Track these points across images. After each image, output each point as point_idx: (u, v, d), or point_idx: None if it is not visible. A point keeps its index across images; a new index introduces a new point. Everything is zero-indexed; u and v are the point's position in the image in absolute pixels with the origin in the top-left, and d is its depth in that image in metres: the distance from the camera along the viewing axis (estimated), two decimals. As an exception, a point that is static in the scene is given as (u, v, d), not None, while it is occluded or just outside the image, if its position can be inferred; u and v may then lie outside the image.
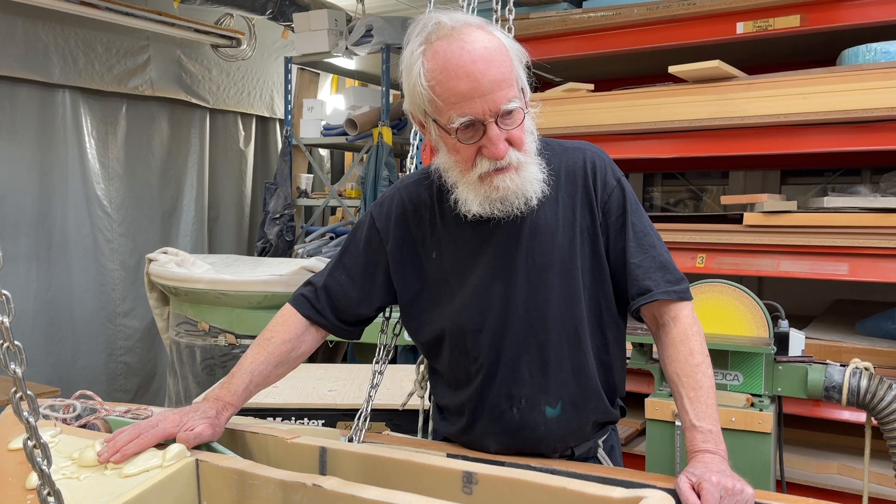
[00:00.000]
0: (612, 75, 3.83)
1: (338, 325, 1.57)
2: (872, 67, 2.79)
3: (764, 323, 2.52)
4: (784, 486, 2.63)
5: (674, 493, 1.16)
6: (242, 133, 5.94)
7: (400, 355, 3.33)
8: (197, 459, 1.21)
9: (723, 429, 2.52)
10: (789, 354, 2.55)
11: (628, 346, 2.98)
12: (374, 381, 1.54)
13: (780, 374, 2.49)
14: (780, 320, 2.59)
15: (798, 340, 2.59)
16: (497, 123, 1.34)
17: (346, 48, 4.78)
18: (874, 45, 2.83)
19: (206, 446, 1.31)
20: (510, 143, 1.38)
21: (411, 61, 1.39)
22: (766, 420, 2.40)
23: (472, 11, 1.79)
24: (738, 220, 3.09)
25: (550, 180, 1.46)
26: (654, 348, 2.72)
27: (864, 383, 2.34)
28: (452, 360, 1.54)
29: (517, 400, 1.49)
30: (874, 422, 2.38)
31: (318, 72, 5.94)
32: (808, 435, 3.12)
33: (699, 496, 1.19)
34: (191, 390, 2.97)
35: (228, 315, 3.23)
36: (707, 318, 2.77)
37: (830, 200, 2.99)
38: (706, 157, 3.25)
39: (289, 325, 1.55)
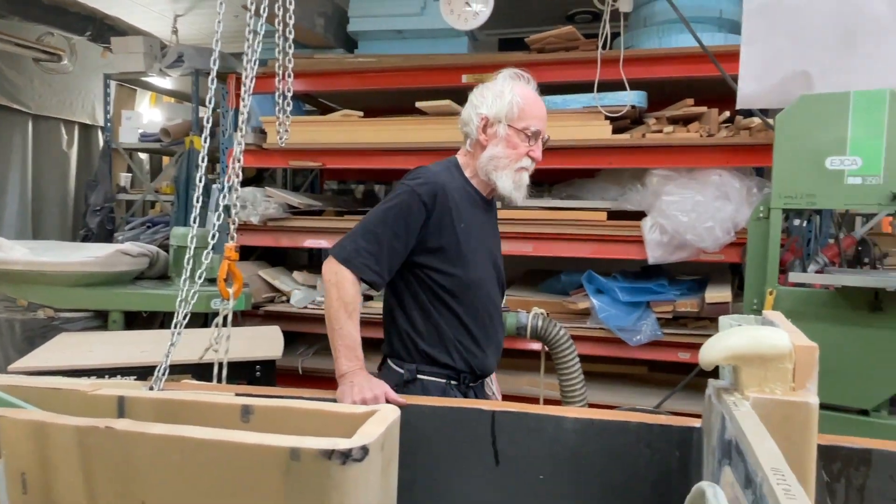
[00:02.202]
0: (378, 106, 3.84)
1: (386, 282, 1.56)
2: (548, 112, 3.07)
3: (479, 285, 2.68)
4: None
5: (404, 407, 1.19)
6: (66, 137, 5.13)
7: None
8: (-6, 416, 1.02)
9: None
10: (495, 306, 2.74)
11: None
12: (174, 339, 1.39)
13: (489, 320, 2.67)
14: (489, 283, 2.77)
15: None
16: (540, 143, 1.63)
17: (160, 70, 4.30)
18: (548, 97, 3.10)
19: (6, 402, 1.10)
20: None
21: (503, 88, 1.60)
22: (480, 352, 2.56)
23: (257, 53, 1.66)
24: (463, 214, 3.26)
25: None
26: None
27: (540, 323, 2.59)
28: (476, 304, 1.60)
29: (500, 334, 1.70)
30: (547, 349, 2.65)
31: (136, 88, 5.30)
32: (509, 361, 3.37)
33: None
34: (11, 359, 2.49)
35: (47, 292, 2.77)
36: (442, 283, 2.89)
37: (524, 202, 3.26)
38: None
39: (358, 288, 1.50)
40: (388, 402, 1.35)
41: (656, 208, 2.85)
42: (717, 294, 2.85)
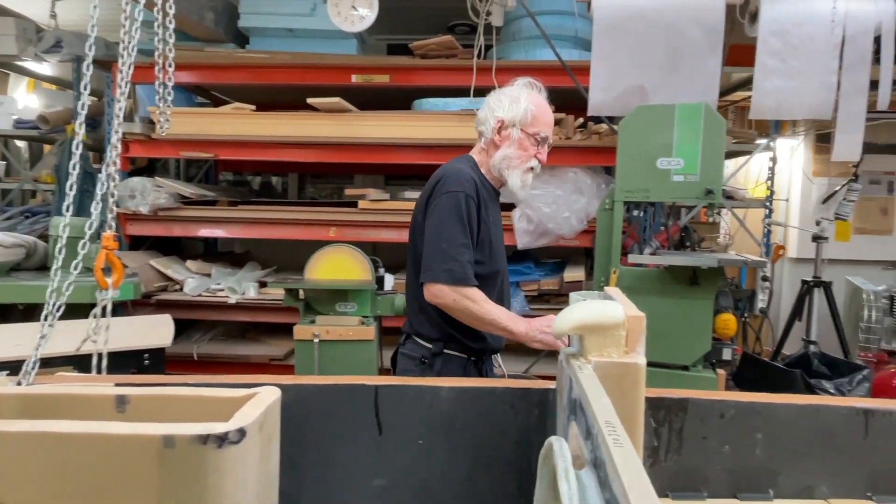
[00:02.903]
0: (270, 100, 3.64)
1: None
2: (431, 113, 3.07)
3: (370, 271, 2.63)
4: (382, 370, 2.81)
5: (285, 386, 1.13)
6: (-72, 122, 4.33)
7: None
8: None
9: (343, 340, 2.58)
10: (385, 289, 2.71)
11: (280, 291, 2.91)
12: (44, 331, 1.22)
13: (379, 302, 2.62)
14: (379, 268, 2.73)
15: (390, 280, 2.76)
16: (546, 147, 1.62)
17: (36, 55, 3.75)
18: (431, 99, 3.12)
19: None
20: None
21: (519, 95, 1.59)
22: (370, 332, 2.50)
23: (134, 40, 1.48)
24: (355, 205, 3.19)
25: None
26: (301, 292, 2.69)
27: (425, 304, 2.59)
28: (496, 287, 1.61)
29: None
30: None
31: (9, 72, 4.60)
32: (397, 339, 3.36)
33: None
34: None
35: None
36: (336, 269, 2.80)
37: (409, 194, 3.24)
38: (338, 162, 3.27)
39: (476, 288, 1.51)
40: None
41: (523, 201, 2.96)
42: (573, 274, 3.02)
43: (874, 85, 2.48)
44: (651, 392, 1.32)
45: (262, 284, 3.26)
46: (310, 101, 2.99)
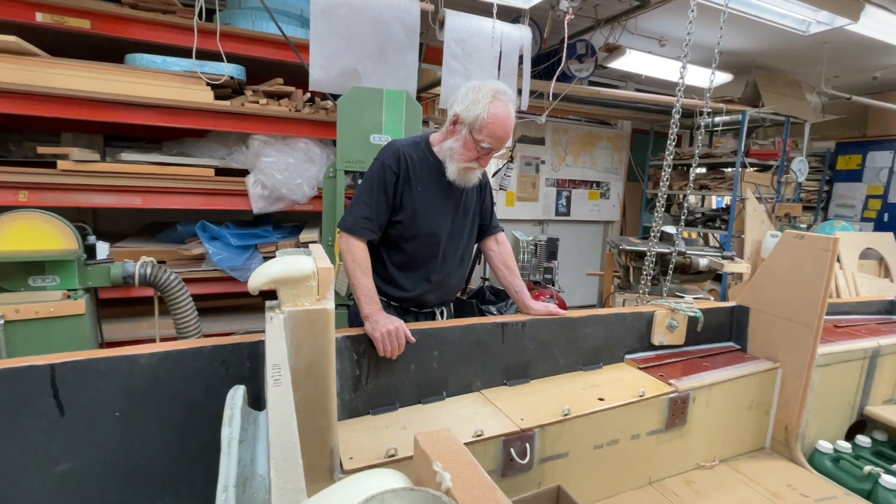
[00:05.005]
0: None
1: (380, 235, 1.56)
2: (147, 70, 2.53)
3: (74, 239, 2.09)
4: (104, 344, 2.32)
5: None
6: None
7: None
8: None
9: (42, 318, 2.04)
10: (97, 259, 2.20)
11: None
12: None
13: (90, 272, 2.13)
14: (88, 236, 2.20)
15: (104, 249, 2.25)
16: (491, 155, 1.54)
17: None
18: (148, 55, 2.57)
19: None
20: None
21: (480, 98, 1.49)
22: (80, 306, 2.02)
23: None
24: (55, 165, 2.46)
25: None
26: None
27: (148, 271, 2.21)
28: (420, 250, 1.58)
29: (448, 273, 1.66)
30: (159, 294, 2.29)
31: None
32: (126, 309, 2.82)
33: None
34: None
35: None
36: (26, 238, 2.14)
37: (127, 156, 2.66)
38: (26, 116, 2.44)
39: (365, 249, 1.51)
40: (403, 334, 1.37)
41: (258, 167, 2.74)
42: (309, 235, 2.95)
43: (521, 92, 2.99)
44: (352, 331, 1.38)
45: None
46: (-32, 35, 2.14)
